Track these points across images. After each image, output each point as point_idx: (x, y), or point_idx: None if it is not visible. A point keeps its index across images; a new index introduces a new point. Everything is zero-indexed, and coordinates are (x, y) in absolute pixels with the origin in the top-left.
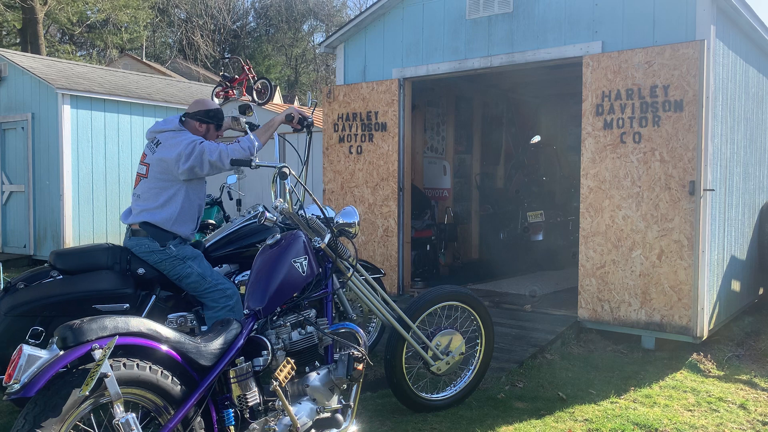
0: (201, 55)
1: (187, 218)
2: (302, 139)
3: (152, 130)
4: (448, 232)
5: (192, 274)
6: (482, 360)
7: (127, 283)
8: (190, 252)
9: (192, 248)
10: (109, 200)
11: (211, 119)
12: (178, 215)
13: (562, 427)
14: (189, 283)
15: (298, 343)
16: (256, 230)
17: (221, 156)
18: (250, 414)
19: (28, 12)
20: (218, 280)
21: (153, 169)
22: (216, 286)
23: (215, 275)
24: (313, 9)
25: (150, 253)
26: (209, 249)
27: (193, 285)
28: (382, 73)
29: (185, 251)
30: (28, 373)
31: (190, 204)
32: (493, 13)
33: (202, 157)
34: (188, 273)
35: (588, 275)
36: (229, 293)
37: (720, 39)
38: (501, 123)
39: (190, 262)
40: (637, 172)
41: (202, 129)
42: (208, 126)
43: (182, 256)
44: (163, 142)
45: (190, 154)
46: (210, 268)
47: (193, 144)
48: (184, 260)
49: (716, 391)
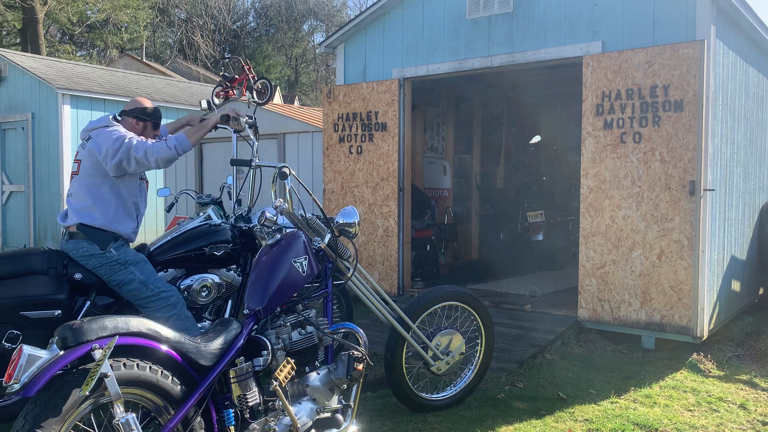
0: (201, 55)
1: (124, 216)
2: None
3: (85, 129)
4: (448, 232)
5: (133, 281)
6: (482, 360)
7: (60, 289)
8: (132, 256)
9: (134, 252)
10: None
11: (147, 117)
12: (114, 213)
13: (562, 427)
14: (130, 290)
15: (298, 343)
16: (205, 233)
17: (147, 153)
18: (250, 414)
19: (28, 12)
20: (161, 288)
21: (84, 166)
22: (159, 294)
23: (158, 282)
24: (313, 9)
25: (89, 257)
26: (154, 252)
27: (134, 292)
28: (382, 73)
29: (127, 255)
30: (28, 373)
31: (123, 201)
32: (493, 13)
33: (128, 153)
34: (129, 279)
35: (588, 275)
36: (172, 301)
37: (720, 39)
38: (501, 123)
39: (132, 267)
40: (637, 172)
41: (139, 127)
42: (145, 124)
43: (123, 261)
44: (93, 138)
45: (117, 150)
46: (153, 274)
47: (121, 139)
48: (125, 265)
49: (716, 391)
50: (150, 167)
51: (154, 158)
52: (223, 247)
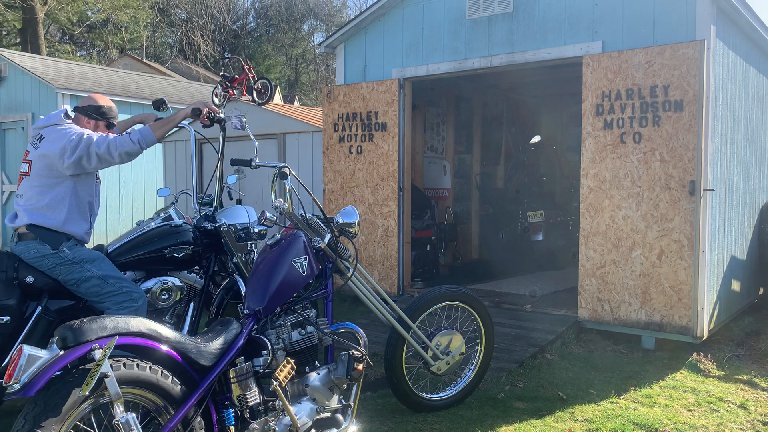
0: (201, 55)
1: (78, 216)
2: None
3: (36, 126)
4: (448, 232)
5: (91, 278)
6: (482, 360)
7: (9, 294)
8: (87, 254)
9: (90, 250)
10: (108, 200)
11: (100, 116)
12: (67, 214)
13: (562, 427)
14: (89, 287)
15: (298, 343)
16: (165, 234)
17: (109, 148)
18: (250, 414)
19: (28, 12)
20: (122, 282)
21: (36, 166)
22: (120, 289)
23: (119, 277)
24: (313, 9)
25: (41, 258)
26: (112, 254)
27: (94, 289)
28: (382, 73)
29: (81, 253)
30: (28, 373)
31: (79, 201)
32: (493, 13)
33: (89, 149)
34: (86, 276)
35: (588, 275)
36: (134, 296)
37: (720, 39)
38: (501, 123)
39: (88, 265)
40: (637, 172)
41: (90, 125)
42: (96, 123)
43: (78, 259)
44: (46, 137)
45: (76, 146)
46: (113, 269)
47: (78, 136)
48: (80, 263)
49: (716, 391)
50: (113, 162)
51: (117, 152)
52: (184, 249)
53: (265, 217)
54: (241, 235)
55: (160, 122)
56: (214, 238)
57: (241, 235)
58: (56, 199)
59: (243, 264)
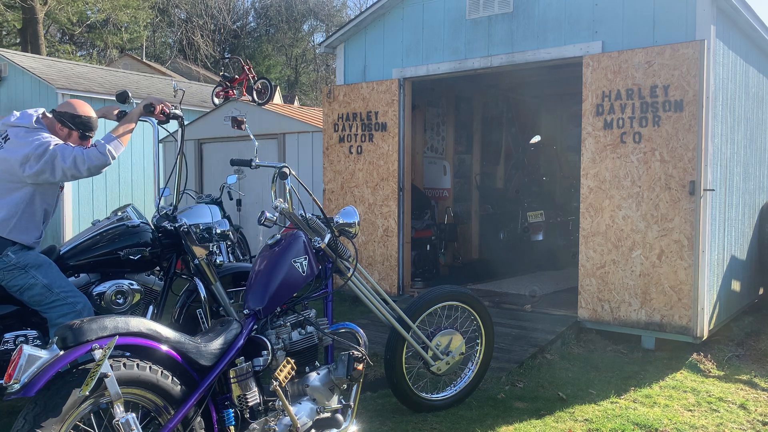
0: (201, 55)
1: (28, 225)
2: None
3: (4, 122)
4: (448, 232)
5: (35, 285)
6: (482, 360)
7: None
8: (34, 259)
9: (37, 255)
10: (109, 200)
11: (75, 125)
12: (17, 222)
13: (562, 427)
14: (32, 295)
15: (298, 343)
16: (121, 235)
17: (76, 162)
18: (250, 414)
19: (28, 12)
20: (67, 293)
21: None
22: (64, 299)
23: (64, 286)
24: (313, 9)
25: None
26: (65, 255)
27: (37, 298)
28: (382, 73)
29: (27, 258)
30: (28, 373)
31: (33, 210)
32: (493, 13)
33: (54, 162)
34: (31, 284)
35: (588, 275)
36: (78, 308)
37: (720, 39)
38: (501, 123)
39: (34, 271)
40: (637, 172)
41: (63, 133)
42: (70, 132)
43: (23, 265)
44: (12, 139)
45: (40, 157)
46: (59, 277)
47: (45, 146)
48: (25, 269)
49: (716, 391)
50: (80, 176)
51: (86, 167)
52: (141, 251)
53: (265, 217)
54: (205, 236)
55: (121, 128)
56: (176, 238)
57: (204, 236)
58: (9, 205)
59: (205, 265)
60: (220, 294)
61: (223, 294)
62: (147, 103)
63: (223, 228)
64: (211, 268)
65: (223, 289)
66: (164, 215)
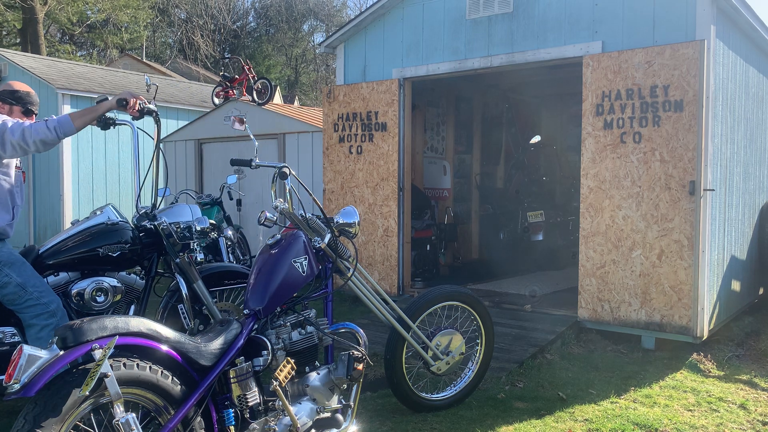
0: (201, 55)
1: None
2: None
3: None
4: (448, 232)
5: (9, 284)
6: (482, 360)
7: None
8: (7, 256)
9: (10, 251)
10: (109, 200)
11: (16, 100)
12: None
13: (562, 427)
14: (5, 294)
15: (298, 343)
16: (101, 233)
17: (24, 135)
18: (250, 414)
19: (28, 12)
20: (41, 293)
21: None
22: (38, 300)
23: (38, 286)
24: (313, 9)
25: None
26: (44, 254)
27: (10, 296)
28: (382, 73)
29: (1, 255)
30: (28, 373)
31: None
32: (493, 13)
33: (3, 136)
34: (5, 282)
35: (588, 275)
36: (52, 309)
37: (720, 39)
38: (501, 123)
39: (7, 269)
40: (637, 172)
41: (5, 110)
42: (11, 107)
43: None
44: None
45: None
46: (34, 276)
47: None
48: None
49: (716, 391)
50: (28, 151)
51: (32, 140)
52: (120, 248)
53: (265, 217)
54: (186, 234)
55: (81, 111)
56: (156, 237)
57: (185, 234)
58: None
59: (186, 264)
60: (202, 292)
61: (206, 292)
62: (121, 97)
63: (203, 225)
64: (192, 267)
65: (206, 288)
66: (144, 214)
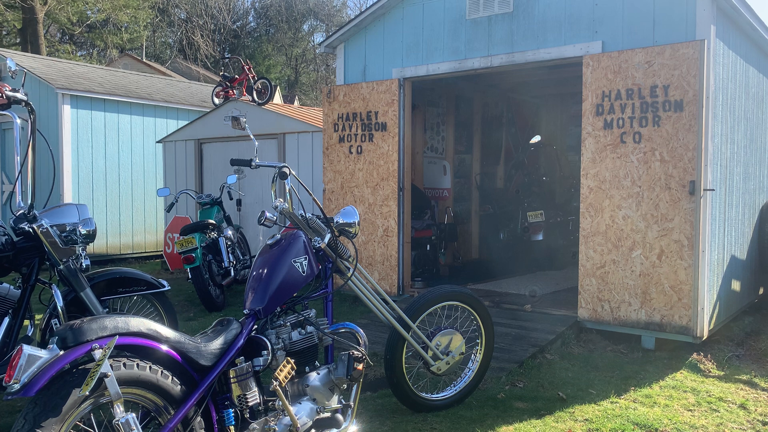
0: (201, 55)
1: None
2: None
3: None
4: (448, 232)
5: None
6: (482, 360)
7: None
8: None
9: None
10: (109, 200)
11: None
12: None
13: (562, 427)
14: None
15: (298, 343)
16: None
17: None
18: (250, 414)
19: (28, 12)
20: None
21: None
22: None
23: None
24: (313, 9)
25: None
26: None
27: None
28: (382, 73)
29: None
30: (28, 373)
31: None
32: (493, 13)
33: None
34: None
35: (588, 275)
36: None
37: (720, 39)
38: (501, 123)
39: None
40: (637, 172)
41: None
42: None
43: None
44: None
45: None
46: None
47: None
48: None
49: (716, 391)
50: None
51: None
52: None
53: (265, 217)
54: (72, 237)
55: None
56: (36, 241)
57: (71, 237)
58: None
59: (68, 271)
60: (90, 302)
61: (95, 302)
62: None
63: (89, 228)
64: (79, 274)
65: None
66: (22, 215)
